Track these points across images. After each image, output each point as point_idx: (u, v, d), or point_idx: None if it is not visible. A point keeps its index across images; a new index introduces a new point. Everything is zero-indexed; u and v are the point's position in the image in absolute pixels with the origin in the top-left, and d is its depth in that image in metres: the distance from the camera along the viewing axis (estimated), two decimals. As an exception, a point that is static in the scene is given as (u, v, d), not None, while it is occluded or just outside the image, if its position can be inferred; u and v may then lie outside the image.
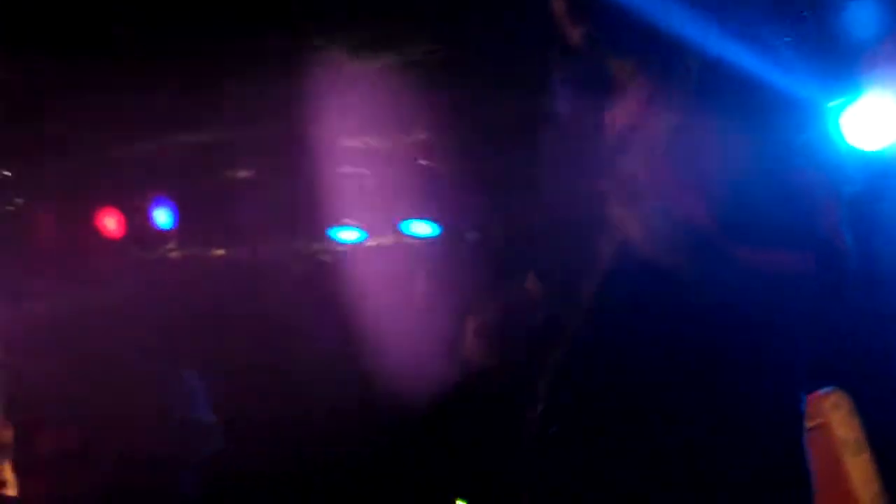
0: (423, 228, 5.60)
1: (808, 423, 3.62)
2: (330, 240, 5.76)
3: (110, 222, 5.65)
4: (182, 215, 5.73)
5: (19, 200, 5.42)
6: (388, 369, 5.32)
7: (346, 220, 5.65)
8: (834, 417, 3.65)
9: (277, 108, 5.15)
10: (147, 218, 5.71)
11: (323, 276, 5.87)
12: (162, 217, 5.72)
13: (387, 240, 5.74)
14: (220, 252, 5.88)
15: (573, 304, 1.82)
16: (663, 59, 1.75)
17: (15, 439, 4.85)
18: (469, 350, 2.06)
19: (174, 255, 5.83)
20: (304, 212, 5.71)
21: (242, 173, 5.65)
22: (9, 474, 4.82)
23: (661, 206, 1.65)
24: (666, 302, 1.78)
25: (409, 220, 5.59)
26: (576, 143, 1.93)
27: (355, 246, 5.74)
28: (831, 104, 4.13)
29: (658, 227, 1.67)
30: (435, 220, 5.56)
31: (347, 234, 5.71)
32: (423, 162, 5.40)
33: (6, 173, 5.30)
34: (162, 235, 5.76)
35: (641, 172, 1.66)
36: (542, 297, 2.00)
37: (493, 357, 2.02)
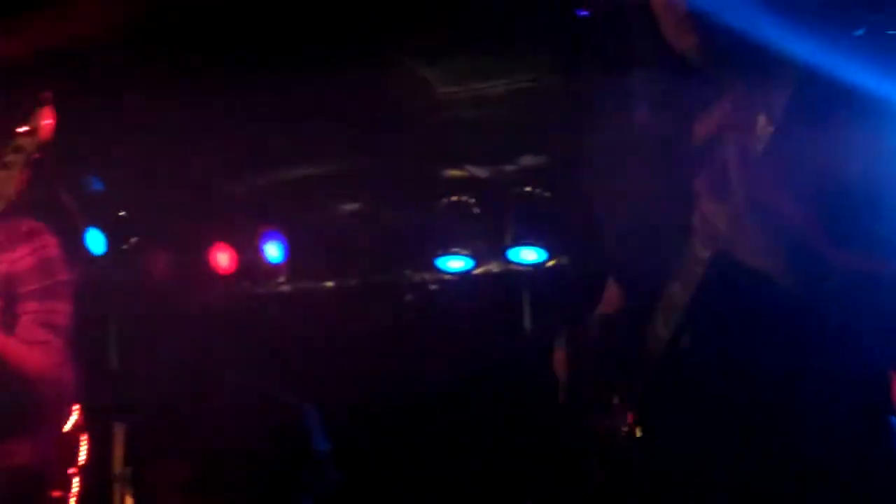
0: (530, 255, 5.57)
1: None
2: (437, 269, 5.76)
3: (222, 258, 5.76)
4: (292, 249, 5.81)
5: (134, 239, 5.55)
6: (495, 395, 5.30)
7: (454, 249, 5.66)
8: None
9: (382, 139, 5.20)
10: (258, 252, 5.80)
11: (432, 304, 5.88)
12: (272, 251, 5.81)
13: (494, 267, 5.73)
14: (330, 284, 5.93)
15: (663, 309, 1.81)
16: (764, 64, 1.73)
17: (135, 470, 4.95)
18: (560, 365, 2.07)
19: (285, 288, 5.90)
20: (412, 242, 5.74)
21: (350, 206, 5.71)
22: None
23: (753, 204, 1.63)
24: (761, 306, 1.75)
25: (517, 248, 5.57)
26: (670, 148, 1.92)
27: (463, 274, 5.74)
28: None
29: (750, 223, 1.65)
30: (542, 247, 5.52)
31: (455, 263, 5.72)
32: (528, 189, 5.39)
33: (122, 213, 5.45)
34: (273, 269, 5.84)
35: (734, 172, 1.63)
36: (625, 304, 1.99)
37: (584, 369, 2.02)
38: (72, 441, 2.82)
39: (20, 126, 2.30)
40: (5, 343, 2.51)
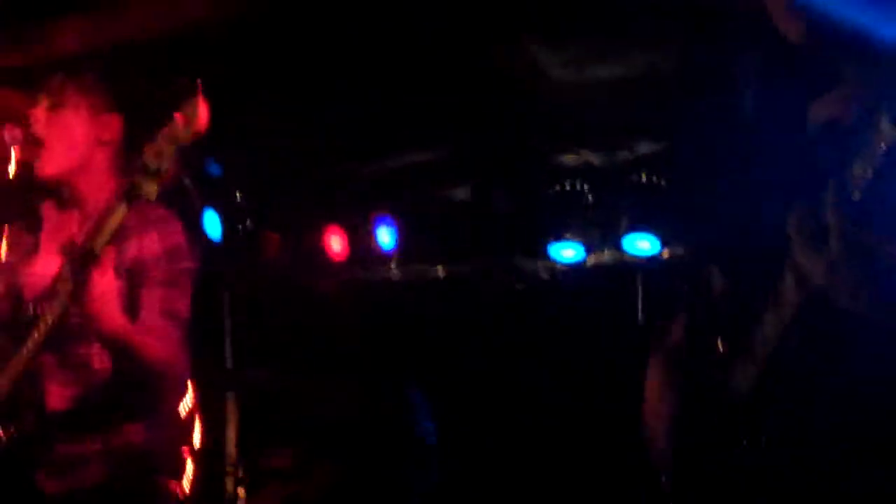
0: (644, 245, 5.46)
1: None
2: (549, 257, 5.70)
3: (335, 242, 5.79)
4: (403, 235, 5.81)
5: (249, 223, 5.62)
6: (607, 387, 5.22)
7: (566, 236, 5.58)
8: None
9: (495, 124, 5.16)
10: (370, 238, 5.81)
11: (542, 293, 5.82)
12: (384, 237, 5.81)
13: (607, 257, 5.64)
14: (441, 270, 5.92)
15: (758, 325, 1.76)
16: (876, 58, 1.64)
17: (244, 456, 5.01)
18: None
19: (396, 274, 5.91)
20: (523, 228, 5.69)
21: (461, 191, 5.68)
22: (239, 490, 4.96)
23: (852, 248, 1.56)
24: (850, 345, 1.69)
25: (631, 237, 5.46)
26: (778, 137, 1.85)
27: (575, 264, 5.66)
28: None
29: (849, 269, 1.57)
30: (657, 236, 5.41)
31: (567, 252, 5.64)
32: (643, 176, 5.28)
33: (238, 197, 5.52)
34: (384, 255, 5.85)
35: (830, 216, 1.56)
36: (728, 294, 1.94)
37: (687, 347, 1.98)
38: (185, 422, 2.86)
39: (172, 113, 2.28)
40: (126, 328, 2.53)
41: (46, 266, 2.68)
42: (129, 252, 2.64)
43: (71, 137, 2.68)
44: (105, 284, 2.42)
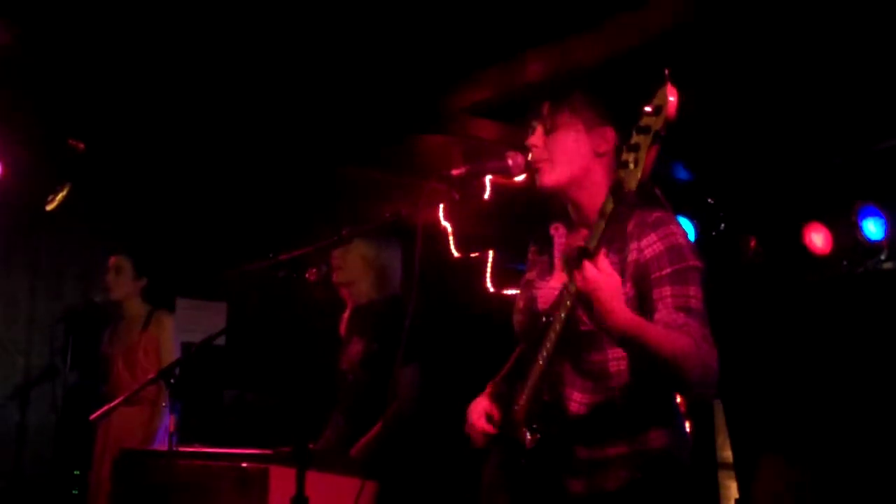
0: None
1: None
2: None
3: (817, 238, 5.53)
4: (893, 224, 5.41)
5: (723, 227, 5.53)
6: None
7: None
8: None
9: None
10: (856, 230, 5.48)
11: None
12: (871, 227, 5.46)
13: None
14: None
15: None
16: None
17: (739, 459, 4.91)
18: None
19: (887, 266, 5.52)
20: None
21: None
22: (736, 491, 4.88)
23: None
24: None
25: None
26: None
27: None
28: None
29: None
30: None
31: None
32: None
33: (710, 201, 5.46)
34: (872, 246, 5.49)
35: None
36: None
37: None
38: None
39: (646, 105, 2.27)
40: (637, 326, 2.44)
41: (559, 280, 2.76)
42: (630, 257, 2.62)
43: (569, 153, 2.75)
44: (606, 281, 2.37)
